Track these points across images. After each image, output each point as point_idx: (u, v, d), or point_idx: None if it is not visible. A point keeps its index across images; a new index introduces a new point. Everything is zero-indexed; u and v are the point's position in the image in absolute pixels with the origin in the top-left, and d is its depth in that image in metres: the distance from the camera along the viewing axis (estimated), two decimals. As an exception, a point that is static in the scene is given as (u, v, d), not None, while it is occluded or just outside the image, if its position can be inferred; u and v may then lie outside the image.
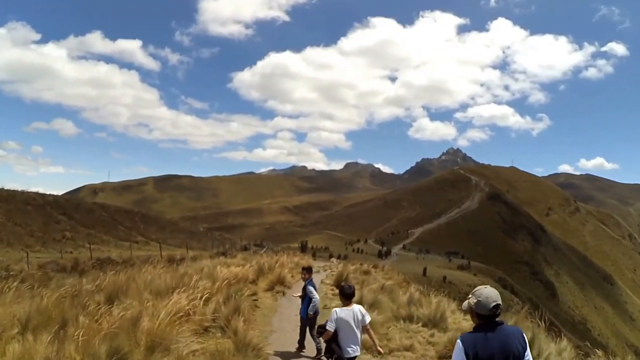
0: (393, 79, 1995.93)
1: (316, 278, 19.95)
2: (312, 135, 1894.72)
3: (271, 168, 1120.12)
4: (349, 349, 6.37)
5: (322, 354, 7.79)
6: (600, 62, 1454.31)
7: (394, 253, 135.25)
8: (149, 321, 7.39)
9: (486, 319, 3.66)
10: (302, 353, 8.61)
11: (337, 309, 6.58)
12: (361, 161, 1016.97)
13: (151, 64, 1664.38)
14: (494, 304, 3.63)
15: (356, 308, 6.54)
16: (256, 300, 13.22)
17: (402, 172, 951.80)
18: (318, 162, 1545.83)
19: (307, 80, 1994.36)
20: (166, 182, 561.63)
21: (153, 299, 9.56)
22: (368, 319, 6.53)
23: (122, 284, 10.99)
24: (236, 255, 29.73)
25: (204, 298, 9.55)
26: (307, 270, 9.69)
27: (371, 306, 11.19)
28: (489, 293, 3.70)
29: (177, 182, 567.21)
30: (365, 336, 6.74)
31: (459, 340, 3.67)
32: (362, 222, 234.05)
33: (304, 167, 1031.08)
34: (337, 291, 15.29)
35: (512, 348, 3.56)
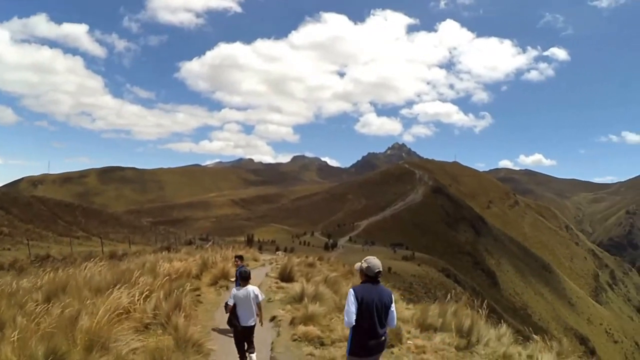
0: (342, 75, 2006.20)
1: (261, 271, 20.04)
2: (260, 128, 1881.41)
3: (217, 160, 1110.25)
4: (245, 319, 8.00)
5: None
6: (542, 65, 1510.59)
7: (340, 245, 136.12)
8: (88, 320, 7.25)
9: (371, 278, 5.57)
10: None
11: (235, 289, 8.19)
12: (308, 154, 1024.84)
13: (97, 50, 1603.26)
14: (378, 270, 5.57)
15: (250, 288, 8.17)
16: (199, 295, 13.11)
17: (348, 165, 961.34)
18: (265, 155, 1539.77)
19: (256, 72, 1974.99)
20: (109, 174, 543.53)
21: (93, 296, 9.37)
22: (261, 297, 8.27)
23: (61, 281, 10.75)
24: (180, 249, 29.35)
25: (144, 294, 9.43)
26: (239, 258, 11.53)
27: (313, 298, 11.29)
28: (376, 262, 5.63)
29: (120, 174, 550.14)
30: (309, 328, 8.48)
31: (351, 290, 5.51)
32: (309, 215, 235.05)
33: (251, 160, 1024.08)
34: (281, 284, 15.48)
35: (384, 299, 5.51)
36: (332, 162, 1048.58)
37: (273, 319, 10.93)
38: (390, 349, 8.67)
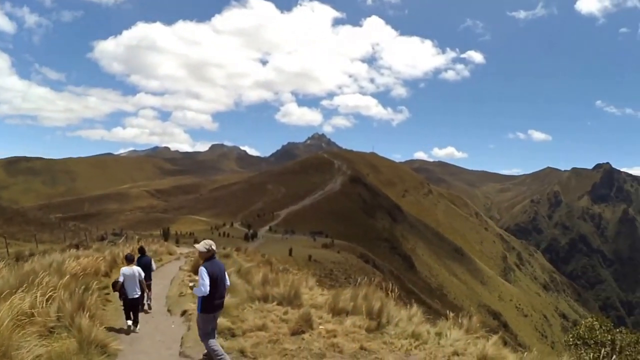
0: (264, 62, 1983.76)
1: (176, 265, 19.69)
2: (177, 115, 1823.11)
3: (131, 149, 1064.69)
4: (130, 291, 10.24)
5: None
6: (459, 66, 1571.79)
7: (260, 235, 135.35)
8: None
9: (212, 256, 7.52)
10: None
11: (123, 268, 10.61)
12: (227, 143, 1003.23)
13: (6, 25, 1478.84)
14: (212, 246, 7.52)
15: (135, 268, 10.66)
16: (107, 294, 12.68)
17: (268, 155, 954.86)
18: (182, 144, 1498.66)
19: (175, 55, 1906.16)
20: (15, 165, 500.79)
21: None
22: (143, 275, 10.73)
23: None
24: (91, 246, 28.24)
25: (47, 296, 9.01)
26: (140, 250, 13.98)
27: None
28: (212, 242, 7.66)
29: (27, 165, 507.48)
30: (219, 319, 8.47)
31: (202, 267, 7.31)
32: (228, 205, 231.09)
33: (167, 149, 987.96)
34: (194, 277, 15.21)
35: (222, 269, 7.67)
36: (252, 151, 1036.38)
37: (184, 313, 10.81)
38: (301, 335, 8.83)
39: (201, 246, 7.51)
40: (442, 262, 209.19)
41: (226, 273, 7.79)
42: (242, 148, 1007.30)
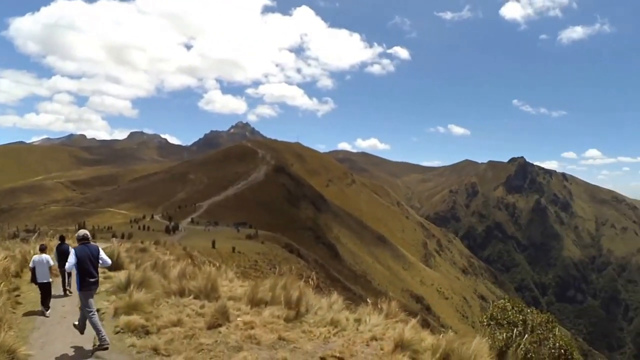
0: (189, 47, 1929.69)
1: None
2: (95, 100, 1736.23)
3: (45, 137, 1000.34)
4: (40, 277, 11.08)
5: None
6: (385, 61, 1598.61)
7: (182, 228, 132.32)
8: None
9: (83, 241, 8.75)
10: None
11: (35, 256, 11.59)
12: (147, 131, 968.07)
13: None
14: (84, 235, 8.89)
15: (45, 256, 11.50)
16: (18, 295, 11.94)
17: (190, 143, 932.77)
18: (100, 131, 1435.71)
19: (95, 36, 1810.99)
20: None
21: None
22: (52, 263, 11.67)
23: None
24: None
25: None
26: (60, 238, 15.06)
27: (140, 285, 10.74)
28: (85, 232, 9.12)
29: None
30: (132, 317, 8.88)
31: (72, 249, 8.75)
32: (148, 197, 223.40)
33: (83, 136, 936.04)
34: (109, 273, 14.59)
35: (93, 252, 8.66)
36: (173, 140, 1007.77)
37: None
38: (218, 328, 8.62)
39: (79, 233, 9.04)
40: (366, 250, 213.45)
41: (102, 253, 8.93)
42: (163, 136, 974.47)
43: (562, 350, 7.95)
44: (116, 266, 15.19)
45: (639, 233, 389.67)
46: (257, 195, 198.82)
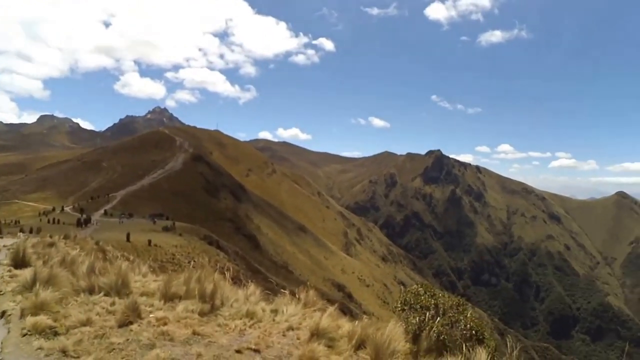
0: (107, 25, 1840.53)
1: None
2: (4, 80, 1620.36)
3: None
4: None
5: None
6: (310, 51, 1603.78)
7: (94, 220, 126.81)
8: None
9: None
10: None
11: None
12: (58, 114, 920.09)
13: None
14: None
15: None
16: None
17: (103, 129, 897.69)
18: (7, 113, 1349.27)
19: (6, 7, 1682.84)
20: None
21: None
22: None
23: None
24: None
25: None
26: None
27: (47, 283, 10.18)
28: None
29: None
30: (39, 318, 7.99)
31: None
32: (59, 187, 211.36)
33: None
34: (15, 272, 13.74)
35: None
36: (86, 125, 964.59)
37: (3, 314, 9.72)
38: (129, 326, 8.37)
39: None
40: (287, 240, 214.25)
41: None
42: (75, 120, 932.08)
43: (473, 331, 8.28)
44: (22, 263, 14.31)
45: (547, 221, 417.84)
46: (174, 185, 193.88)
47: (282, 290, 11.17)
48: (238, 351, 7.69)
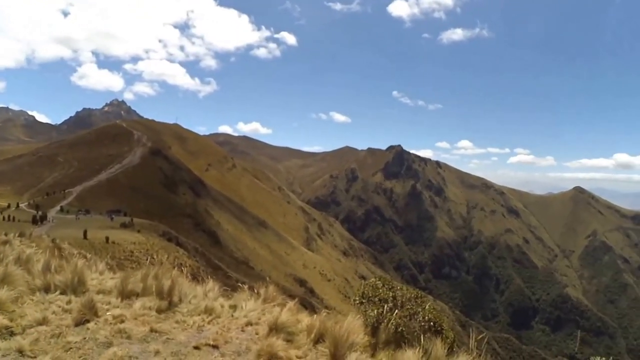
0: (66, 14, 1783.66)
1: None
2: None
3: None
4: None
5: None
6: (272, 45, 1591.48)
7: (50, 217, 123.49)
8: None
9: None
10: None
11: None
12: (13, 107, 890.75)
13: None
14: None
15: None
16: None
17: (60, 122, 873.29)
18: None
19: None
20: None
21: None
22: None
23: None
24: None
25: None
26: None
27: (2, 281, 9.97)
28: None
29: None
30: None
31: None
32: (14, 183, 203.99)
33: None
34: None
35: None
36: (41, 118, 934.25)
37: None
38: (86, 324, 8.31)
39: None
40: (248, 236, 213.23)
41: None
42: (31, 113, 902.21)
43: (432, 323, 8.48)
44: (-24, 263, 13.96)
45: (506, 215, 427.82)
46: (132, 180, 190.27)
47: (240, 285, 11.19)
48: (196, 347, 7.73)
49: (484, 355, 8.01)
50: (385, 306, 8.76)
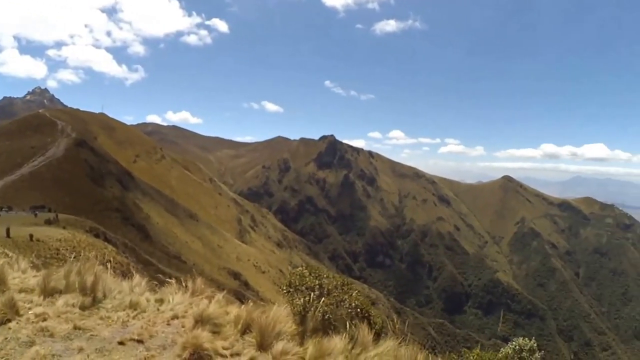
0: None
1: None
2: None
3: None
4: None
5: None
6: (203, 32, 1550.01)
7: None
8: None
9: None
10: None
11: None
12: None
13: None
14: None
15: None
16: None
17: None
18: None
19: None
20: None
21: None
22: None
23: None
24: None
25: None
26: None
27: None
28: None
29: None
30: None
31: None
32: None
33: None
34: None
35: None
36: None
37: None
38: (7, 324, 8.13)
39: None
40: (179, 229, 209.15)
41: None
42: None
43: (359, 309, 8.76)
44: None
45: (438, 204, 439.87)
46: (56, 173, 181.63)
47: (169, 279, 11.14)
48: (121, 343, 7.73)
49: (409, 339, 8.41)
50: (312, 294, 8.98)
